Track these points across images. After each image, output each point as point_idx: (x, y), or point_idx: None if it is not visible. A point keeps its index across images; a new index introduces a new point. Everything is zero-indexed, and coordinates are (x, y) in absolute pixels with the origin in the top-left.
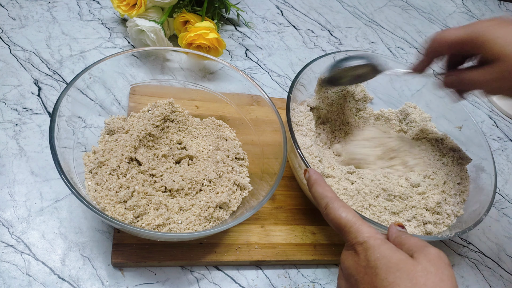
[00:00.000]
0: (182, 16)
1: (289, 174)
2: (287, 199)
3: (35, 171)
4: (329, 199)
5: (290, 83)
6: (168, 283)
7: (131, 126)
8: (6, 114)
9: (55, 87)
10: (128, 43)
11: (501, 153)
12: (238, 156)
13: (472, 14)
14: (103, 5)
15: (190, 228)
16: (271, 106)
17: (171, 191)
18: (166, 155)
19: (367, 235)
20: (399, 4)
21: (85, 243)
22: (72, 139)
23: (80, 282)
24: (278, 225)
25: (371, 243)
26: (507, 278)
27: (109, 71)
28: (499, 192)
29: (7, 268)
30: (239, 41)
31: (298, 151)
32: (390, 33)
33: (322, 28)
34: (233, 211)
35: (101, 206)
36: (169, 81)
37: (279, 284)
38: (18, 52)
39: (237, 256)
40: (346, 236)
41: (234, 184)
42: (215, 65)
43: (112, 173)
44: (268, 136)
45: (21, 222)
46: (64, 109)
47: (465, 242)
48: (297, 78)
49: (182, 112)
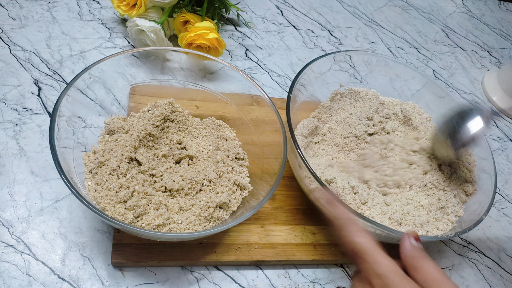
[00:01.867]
0: (182, 16)
1: (289, 174)
2: (287, 199)
3: (35, 171)
4: (344, 221)
5: (290, 83)
6: (168, 283)
7: (131, 126)
8: (6, 114)
9: (55, 87)
10: (128, 43)
11: (501, 153)
12: (238, 156)
13: (472, 14)
14: (103, 5)
15: (190, 228)
16: (271, 106)
17: (171, 191)
18: (166, 155)
19: (386, 268)
20: (399, 4)
21: (85, 243)
22: (72, 139)
23: (80, 282)
24: (278, 225)
25: (391, 278)
26: (507, 278)
27: (109, 71)
28: (499, 192)
29: (7, 268)
30: (239, 41)
31: (298, 151)
32: (390, 33)
33: (322, 28)
34: (233, 211)
35: (101, 206)
36: (169, 81)
37: (279, 284)
38: (18, 52)
39: (237, 256)
40: (360, 264)
41: (234, 184)
42: (215, 65)
43: (112, 173)
44: (268, 136)
45: (21, 222)
46: (64, 109)
47: (465, 242)
48: (297, 78)
49: (182, 112)
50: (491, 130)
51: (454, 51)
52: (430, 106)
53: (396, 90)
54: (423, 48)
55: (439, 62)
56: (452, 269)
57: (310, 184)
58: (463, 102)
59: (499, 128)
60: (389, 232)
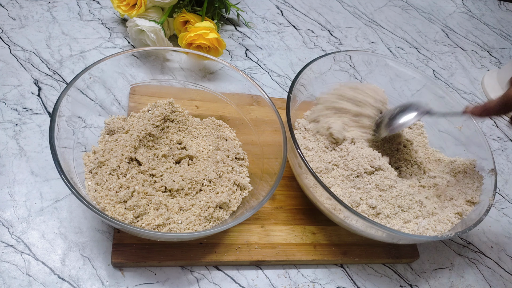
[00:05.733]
0: (182, 16)
1: (289, 174)
2: (287, 199)
3: (35, 171)
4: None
5: (290, 83)
6: (168, 283)
7: (131, 126)
8: (6, 114)
9: (55, 87)
10: (128, 43)
11: (501, 153)
12: (238, 156)
13: (472, 14)
14: (103, 5)
15: (190, 228)
16: (271, 106)
17: (171, 191)
18: (166, 155)
19: None
20: (399, 4)
21: (85, 243)
22: (72, 139)
23: (80, 282)
24: (278, 225)
25: None
26: (507, 278)
27: (109, 71)
28: (499, 192)
29: (7, 268)
30: (239, 41)
31: (298, 151)
32: (390, 33)
33: (322, 28)
34: (233, 211)
35: (101, 206)
36: (169, 81)
37: (279, 284)
38: (18, 52)
39: (237, 256)
40: None
41: (234, 184)
42: (215, 65)
43: (112, 173)
44: (268, 136)
45: (21, 222)
46: (64, 109)
47: (465, 242)
48: (297, 78)
49: (182, 112)
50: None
51: (454, 51)
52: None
53: (396, 90)
54: (423, 48)
55: (439, 62)
56: (452, 269)
57: (310, 184)
58: (463, 102)
59: (499, 128)
60: (389, 232)
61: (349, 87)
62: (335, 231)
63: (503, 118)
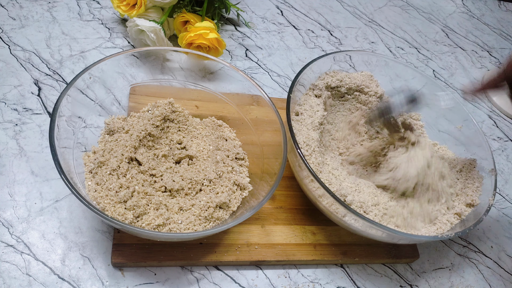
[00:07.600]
0: (182, 16)
1: (289, 174)
2: (287, 199)
3: (35, 171)
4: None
5: (290, 83)
6: (168, 283)
7: (131, 126)
8: (6, 114)
9: (55, 87)
10: (128, 43)
11: (501, 153)
12: (238, 156)
13: (472, 14)
14: (103, 5)
15: (190, 228)
16: (271, 106)
17: (171, 191)
18: (166, 155)
19: None
20: (399, 4)
21: (85, 243)
22: (72, 139)
23: (80, 282)
24: (278, 225)
25: None
26: (507, 278)
27: (109, 71)
28: (499, 192)
29: (7, 268)
30: (239, 41)
31: (298, 151)
32: (390, 33)
33: (322, 28)
34: (233, 211)
35: (101, 206)
36: (169, 81)
37: (279, 284)
38: (18, 52)
39: (237, 256)
40: None
41: (234, 184)
42: (215, 65)
43: (112, 173)
44: (268, 136)
45: (21, 222)
46: (64, 109)
47: (465, 242)
48: (297, 78)
49: (182, 112)
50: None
51: (454, 51)
52: (430, 106)
53: (396, 90)
54: (423, 48)
55: (439, 62)
56: (452, 269)
57: (310, 184)
58: (463, 102)
59: (499, 128)
60: (389, 232)
61: None
62: (335, 231)
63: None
